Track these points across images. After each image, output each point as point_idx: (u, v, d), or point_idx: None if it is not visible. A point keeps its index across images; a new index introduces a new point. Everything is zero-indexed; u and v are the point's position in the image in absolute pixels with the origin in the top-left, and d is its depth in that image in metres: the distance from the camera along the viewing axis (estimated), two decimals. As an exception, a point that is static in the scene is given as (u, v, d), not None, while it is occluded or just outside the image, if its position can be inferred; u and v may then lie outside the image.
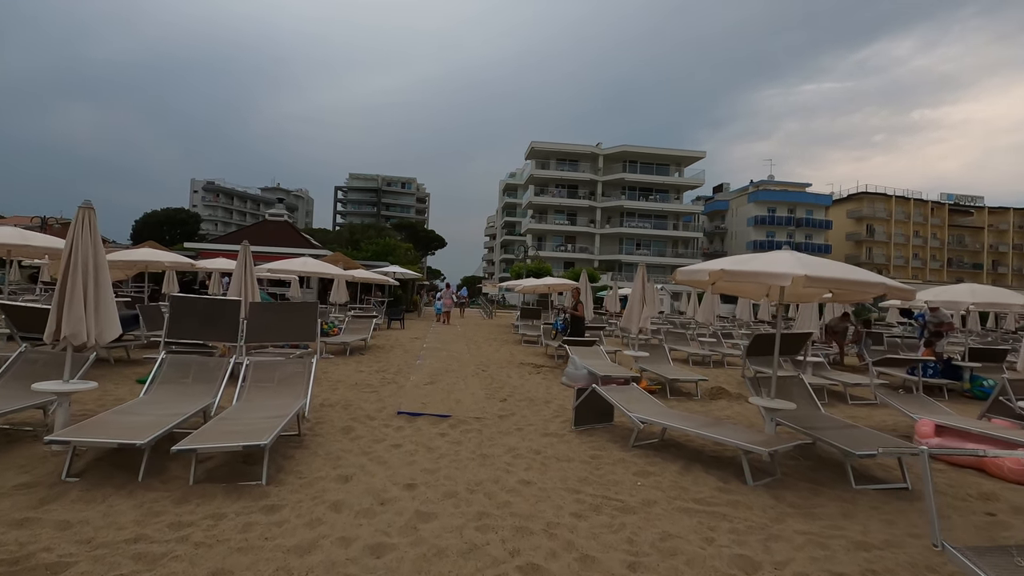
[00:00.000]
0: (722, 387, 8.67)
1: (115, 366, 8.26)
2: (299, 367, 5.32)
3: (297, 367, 5.32)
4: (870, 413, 7.62)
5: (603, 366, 8.63)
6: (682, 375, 8.30)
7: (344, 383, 7.85)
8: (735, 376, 10.64)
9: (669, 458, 4.95)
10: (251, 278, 7.67)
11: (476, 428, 5.73)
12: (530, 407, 6.92)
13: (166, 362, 5.16)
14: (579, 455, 4.95)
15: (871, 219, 67.91)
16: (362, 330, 12.29)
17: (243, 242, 7.68)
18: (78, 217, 4.26)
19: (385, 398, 6.96)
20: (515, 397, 7.51)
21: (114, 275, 15.64)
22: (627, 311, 8.59)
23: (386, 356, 11.20)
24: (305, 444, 4.83)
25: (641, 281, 8.40)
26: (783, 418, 5.21)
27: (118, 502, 3.42)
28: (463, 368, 9.94)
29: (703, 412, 7.11)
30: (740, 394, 8.39)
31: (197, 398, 4.84)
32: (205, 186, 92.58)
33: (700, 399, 8.06)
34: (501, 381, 8.79)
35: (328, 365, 9.51)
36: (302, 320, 5.63)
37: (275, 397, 5.03)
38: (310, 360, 5.33)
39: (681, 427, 4.88)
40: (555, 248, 58.52)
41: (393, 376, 8.67)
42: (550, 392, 8.02)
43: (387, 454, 4.71)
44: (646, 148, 59.40)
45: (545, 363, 11.26)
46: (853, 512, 3.89)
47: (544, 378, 9.33)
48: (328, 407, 6.27)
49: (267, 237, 27.81)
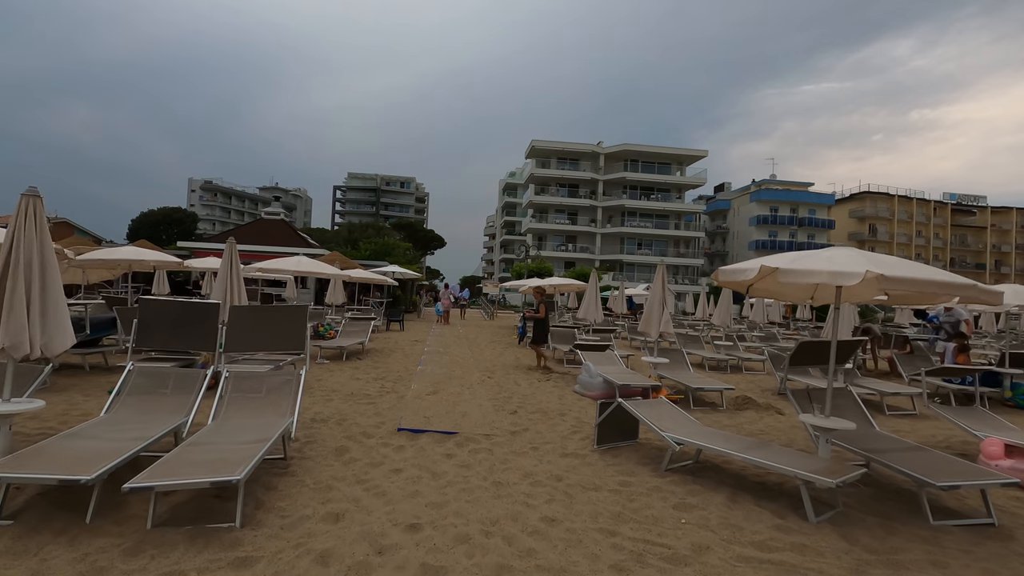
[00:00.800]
0: (748, 396, 8.03)
1: (90, 374, 7.61)
2: (286, 379, 4.66)
3: (284, 379, 4.67)
4: (914, 426, 6.99)
5: (619, 373, 7.99)
6: (706, 383, 7.66)
7: (339, 393, 7.20)
8: (757, 383, 10.01)
9: (710, 485, 4.31)
10: (238, 278, 7.02)
11: (486, 447, 5.09)
12: (544, 421, 6.27)
13: (133, 374, 4.51)
14: (607, 482, 4.31)
15: (873, 219, 67.44)
16: (359, 333, 11.64)
17: (228, 240, 7.03)
18: (21, 207, 3.61)
19: (384, 411, 6.31)
20: (526, 409, 6.87)
21: (99, 275, 15.02)
22: (646, 314, 7.94)
23: (385, 361, 10.55)
24: (291, 470, 4.18)
25: (661, 282, 7.76)
26: (836, 437, 4.57)
27: (54, 554, 2.77)
28: (467, 375, 9.29)
29: (733, 427, 6.48)
30: (769, 405, 7.75)
31: (167, 416, 4.19)
32: (203, 185, 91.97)
33: (725, 410, 7.43)
34: (509, 389, 8.15)
35: (323, 372, 8.86)
36: (290, 325, 4.97)
37: (258, 415, 4.38)
38: (298, 371, 4.68)
39: (724, 451, 4.24)
40: (556, 248, 57.89)
41: (392, 384, 8.02)
42: (564, 403, 7.38)
43: (386, 482, 4.07)
44: (647, 147, 58.76)
45: (554, 368, 10.61)
46: (943, 559, 3.25)
47: (555, 385, 8.68)
48: (320, 423, 5.62)
49: (263, 236, 27.14)
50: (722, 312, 12.45)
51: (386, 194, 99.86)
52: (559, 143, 59.00)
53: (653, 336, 7.80)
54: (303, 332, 4.96)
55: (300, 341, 4.95)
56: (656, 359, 7.87)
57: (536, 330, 10.74)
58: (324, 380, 8.10)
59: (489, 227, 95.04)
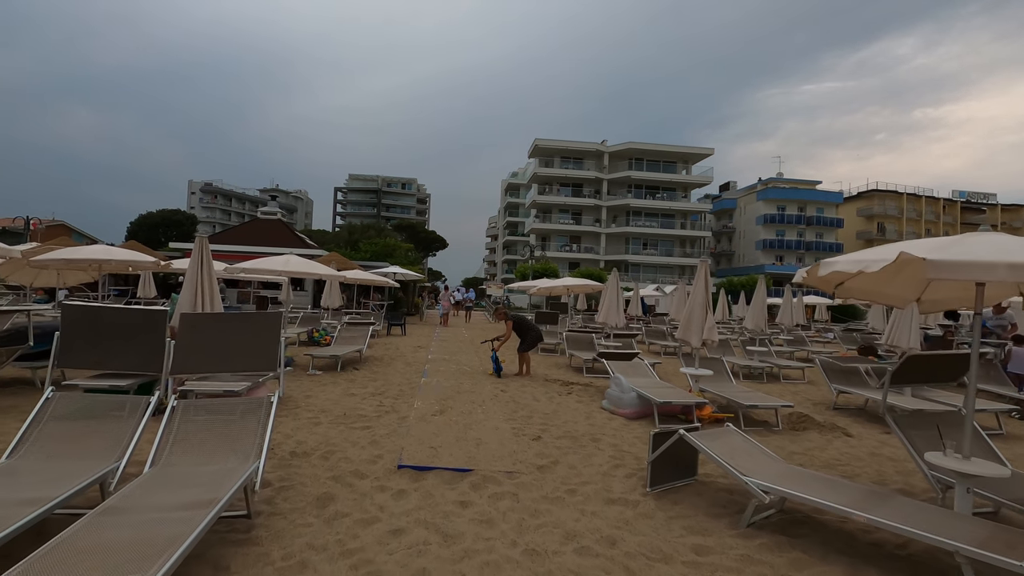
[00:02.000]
0: (804, 414, 6.93)
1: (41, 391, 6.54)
2: (252, 408, 3.59)
3: (250, 408, 3.60)
4: (1012, 451, 5.88)
5: (655, 387, 6.91)
6: (759, 399, 6.56)
7: (329, 413, 6.12)
8: (801, 395, 8.91)
9: (814, 550, 3.22)
10: (209, 281, 5.96)
11: (510, 491, 4.01)
12: (576, 449, 5.18)
13: (52, 403, 3.45)
14: (676, 547, 3.23)
15: (882, 217, 66.30)
16: (357, 339, 10.58)
17: (199, 237, 5.97)
18: None
19: (382, 438, 5.22)
20: (551, 432, 5.78)
21: (77, 277, 13.97)
22: (686, 319, 6.86)
23: (385, 371, 9.47)
24: (254, 535, 3.11)
25: (704, 281, 6.67)
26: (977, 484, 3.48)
27: None
28: (478, 388, 8.21)
29: (802, 454, 5.40)
30: (832, 424, 6.65)
31: (91, 463, 3.13)
32: (203, 188, 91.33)
33: (782, 431, 6.34)
34: (527, 406, 7.06)
35: (313, 385, 7.79)
36: (258, 339, 3.90)
37: (212, 458, 3.31)
38: (268, 399, 3.60)
39: (837, 508, 3.15)
40: (560, 248, 56.79)
41: (392, 402, 6.94)
42: (593, 423, 6.29)
43: (381, 552, 3.00)
44: (652, 145, 57.63)
45: (573, 378, 9.52)
46: None
47: (579, 400, 7.59)
48: (301, 457, 4.54)
49: (259, 236, 26.10)
50: (756, 314, 11.33)
51: (387, 195, 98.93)
52: (562, 142, 57.94)
53: (695, 344, 6.71)
54: (275, 346, 3.90)
55: (270, 358, 3.89)
56: (698, 370, 6.78)
57: (522, 340, 9.70)
58: (314, 396, 7.02)
59: (491, 228, 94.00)
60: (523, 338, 9.69)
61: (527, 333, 9.74)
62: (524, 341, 9.69)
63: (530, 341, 9.73)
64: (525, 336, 9.70)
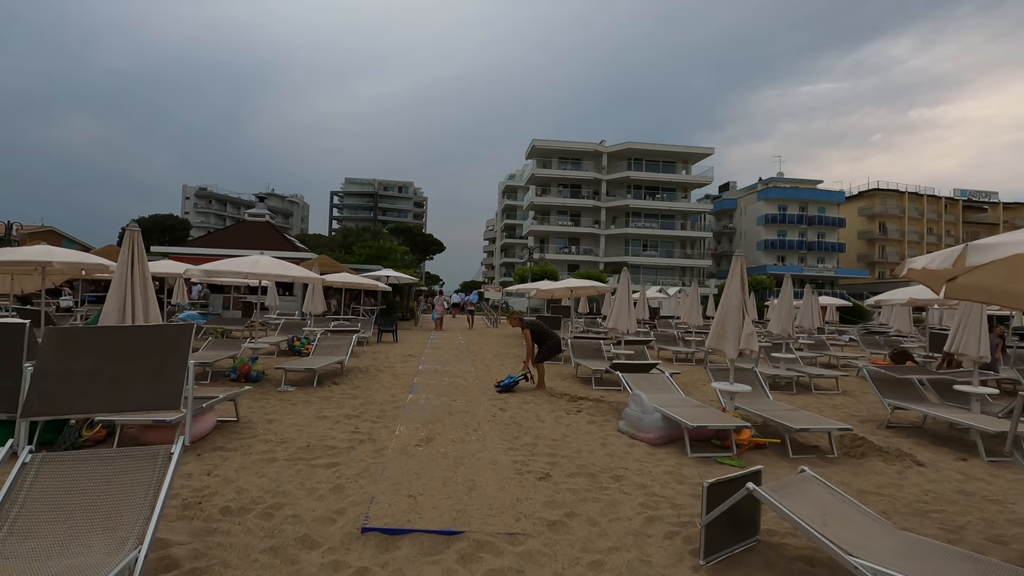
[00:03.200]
0: (860, 436, 5.84)
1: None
2: (141, 467, 2.50)
3: (136, 467, 2.50)
4: None
5: (682, 406, 5.82)
6: (808, 420, 5.47)
7: (290, 445, 5.01)
8: (840, 408, 7.84)
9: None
10: (143, 286, 4.87)
11: (513, 566, 2.92)
12: (595, 493, 4.08)
13: None
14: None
15: (883, 216, 65.57)
16: (338, 349, 9.47)
17: (129, 230, 4.90)
18: None
19: (348, 481, 4.12)
20: (562, 467, 4.68)
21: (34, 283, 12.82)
22: (719, 325, 5.77)
23: (368, 385, 8.37)
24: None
25: (740, 280, 5.60)
26: None
27: None
28: (472, 406, 7.12)
29: (876, 495, 4.31)
30: (898, 449, 5.57)
31: None
32: (197, 192, 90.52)
33: (837, 458, 5.26)
34: (532, 429, 5.96)
35: (281, 405, 6.68)
36: (154, 365, 2.81)
37: (65, 548, 2.22)
38: (167, 451, 2.51)
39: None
40: (559, 250, 55.74)
41: (370, 427, 5.83)
42: (611, 452, 5.19)
43: None
44: (652, 145, 56.69)
45: (581, 391, 8.42)
46: None
47: (591, 420, 6.50)
48: (236, 515, 3.43)
49: (246, 239, 25.00)
50: (782, 317, 10.21)
51: (384, 199, 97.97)
52: (560, 142, 56.98)
53: (731, 354, 5.63)
54: (179, 376, 2.80)
55: (171, 391, 2.79)
56: (735, 386, 5.70)
57: (539, 349, 8.62)
58: (277, 420, 5.92)
59: (489, 231, 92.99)
60: (540, 346, 8.61)
61: (545, 340, 8.65)
62: (541, 350, 8.60)
63: (548, 350, 8.64)
64: (543, 344, 8.62)
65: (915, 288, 9.95)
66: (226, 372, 8.32)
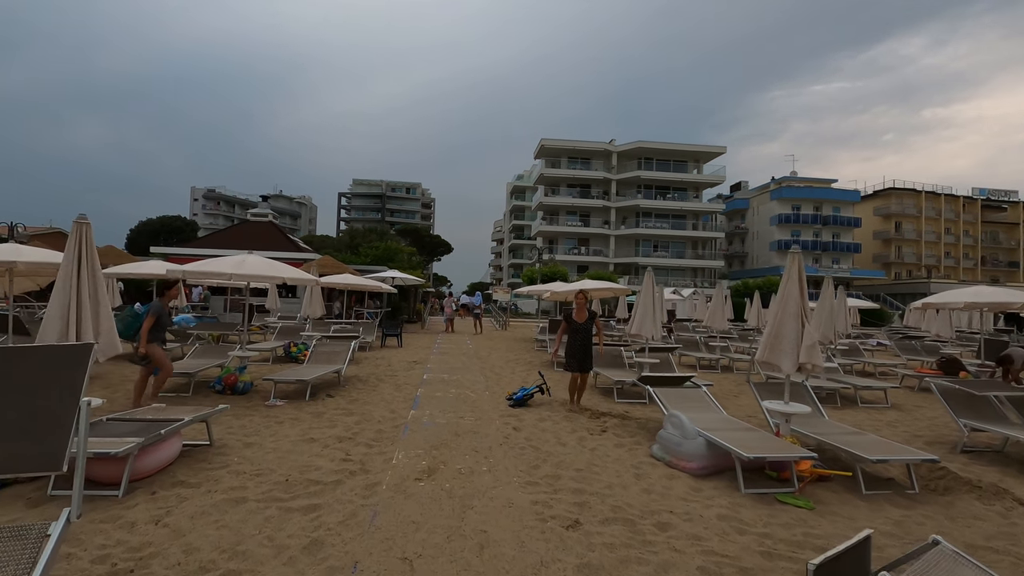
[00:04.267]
0: (942, 466, 4.94)
1: None
2: (8, 549, 1.70)
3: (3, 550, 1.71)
4: None
5: (726, 428, 4.95)
6: (883, 449, 4.58)
7: (265, 478, 4.20)
8: (905, 428, 6.93)
9: None
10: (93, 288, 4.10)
11: None
12: (639, 550, 3.22)
13: None
14: None
15: (900, 216, 64.04)
16: (336, 357, 8.67)
17: (77, 222, 4.14)
18: None
19: (328, 533, 3.30)
20: (592, 509, 3.82)
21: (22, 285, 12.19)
22: (772, 335, 4.89)
23: (366, 398, 7.57)
24: None
25: (798, 280, 4.73)
26: None
27: None
28: (483, 424, 6.29)
29: (992, 552, 3.42)
30: (993, 485, 4.67)
31: None
32: (205, 194, 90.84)
33: (919, 494, 4.37)
34: (552, 456, 5.11)
35: (266, 423, 5.89)
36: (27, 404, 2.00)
37: None
38: (41, 529, 1.71)
39: None
40: (568, 251, 54.83)
41: (364, 452, 5.02)
42: (649, 486, 4.33)
43: None
44: (662, 144, 55.69)
45: (603, 406, 7.54)
46: None
47: (618, 442, 5.63)
48: (177, 588, 2.63)
49: (248, 239, 24.38)
50: (823, 320, 9.21)
51: (392, 200, 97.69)
52: (569, 142, 56.13)
53: (788, 370, 4.75)
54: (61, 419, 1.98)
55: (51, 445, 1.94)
56: (792, 407, 4.83)
57: (576, 351, 7.20)
58: (257, 443, 5.12)
59: (497, 232, 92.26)
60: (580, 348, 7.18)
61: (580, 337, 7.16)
62: (581, 356, 7.18)
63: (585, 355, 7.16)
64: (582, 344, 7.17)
65: (972, 289, 8.99)
66: (210, 383, 7.56)
